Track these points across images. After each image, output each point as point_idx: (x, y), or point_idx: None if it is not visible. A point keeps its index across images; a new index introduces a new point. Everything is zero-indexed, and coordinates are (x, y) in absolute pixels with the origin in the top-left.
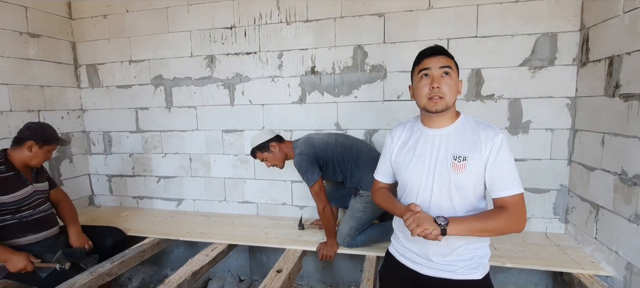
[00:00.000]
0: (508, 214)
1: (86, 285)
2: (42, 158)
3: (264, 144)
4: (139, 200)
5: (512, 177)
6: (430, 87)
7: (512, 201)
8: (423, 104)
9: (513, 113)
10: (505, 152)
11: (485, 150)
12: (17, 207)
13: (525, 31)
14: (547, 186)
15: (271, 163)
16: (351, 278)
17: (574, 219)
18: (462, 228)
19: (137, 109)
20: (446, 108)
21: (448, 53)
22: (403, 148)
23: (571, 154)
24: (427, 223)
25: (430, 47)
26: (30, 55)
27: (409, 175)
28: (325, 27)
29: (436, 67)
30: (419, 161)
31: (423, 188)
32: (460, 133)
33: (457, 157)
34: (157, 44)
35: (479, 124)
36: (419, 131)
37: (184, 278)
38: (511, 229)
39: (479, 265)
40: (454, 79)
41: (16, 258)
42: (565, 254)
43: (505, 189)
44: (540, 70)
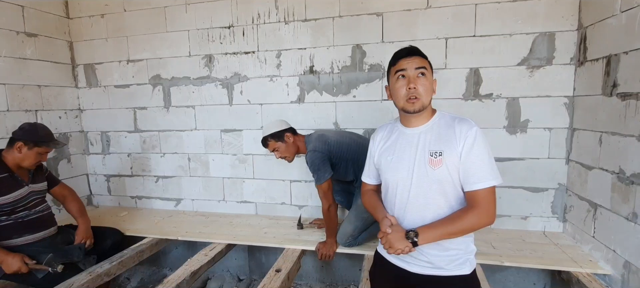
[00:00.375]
0: (476, 211)
1: (84, 286)
2: (33, 160)
3: (279, 132)
4: (138, 200)
5: (485, 170)
6: (407, 88)
7: (481, 195)
8: (401, 105)
9: (511, 112)
10: (479, 144)
11: (460, 144)
12: (11, 208)
13: (523, 30)
14: (546, 185)
15: (282, 155)
16: (350, 277)
17: (572, 218)
18: (433, 236)
19: (135, 108)
20: (423, 108)
21: (422, 53)
22: (384, 149)
23: (569, 153)
24: (398, 243)
25: (405, 47)
26: (27, 55)
27: (390, 175)
28: (323, 27)
29: (412, 68)
30: (399, 161)
31: (402, 187)
32: (436, 129)
33: (433, 153)
34: (155, 44)
35: (454, 119)
36: (398, 131)
37: (182, 278)
38: (480, 225)
39: (466, 261)
40: (429, 79)
41: (11, 259)
42: (564, 253)
43: (477, 182)
44: (538, 69)
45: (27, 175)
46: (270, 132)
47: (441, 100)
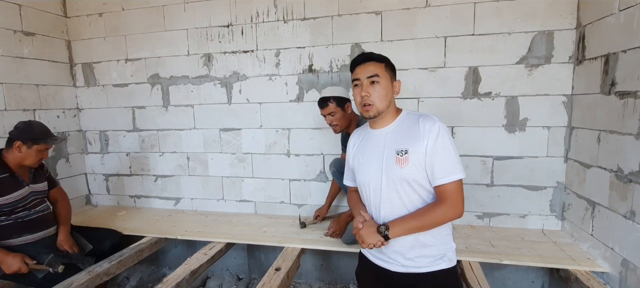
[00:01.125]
0: (443, 205)
1: (84, 285)
2: (35, 158)
3: (343, 98)
4: (137, 200)
5: (450, 164)
6: (360, 95)
7: (448, 189)
8: (359, 111)
9: (510, 111)
10: (443, 139)
11: (424, 140)
12: (11, 208)
13: (521, 29)
14: (544, 183)
15: (335, 121)
16: (349, 275)
17: (570, 216)
18: (403, 229)
19: (133, 107)
20: (378, 113)
21: (377, 57)
22: (356, 152)
23: (567, 151)
24: (370, 237)
25: (359, 55)
26: (25, 54)
27: (361, 176)
28: (322, 25)
29: (364, 77)
30: (368, 162)
31: (374, 188)
32: (401, 128)
33: (399, 152)
34: (154, 43)
35: (418, 116)
36: (368, 134)
37: (182, 277)
38: (448, 218)
39: (443, 256)
40: (384, 85)
41: (11, 259)
42: (562, 251)
43: (443, 177)
44: (536, 68)
45: (28, 175)
46: (336, 94)
47: (440, 99)
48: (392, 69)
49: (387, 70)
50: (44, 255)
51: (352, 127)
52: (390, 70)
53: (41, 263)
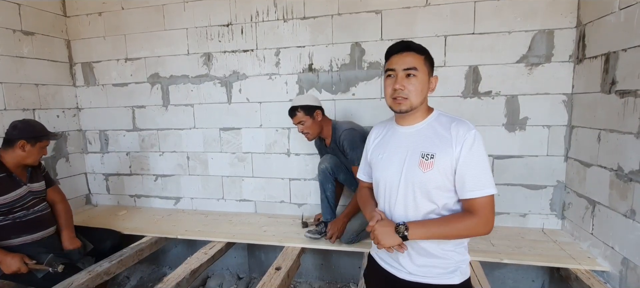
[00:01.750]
0: (474, 218)
1: (84, 285)
2: (37, 156)
3: (311, 106)
4: (137, 199)
5: (484, 177)
6: (393, 87)
7: (480, 203)
8: (389, 103)
9: (510, 110)
10: (478, 149)
11: (456, 147)
12: (9, 208)
13: (522, 28)
14: (544, 182)
15: (306, 130)
16: (349, 275)
17: (570, 215)
18: (423, 233)
19: (133, 107)
20: (410, 109)
21: (417, 48)
22: (376, 146)
23: (568, 150)
24: (387, 238)
25: (398, 42)
26: (24, 53)
27: (379, 173)
28: (322, 25)
29: (400, 69)
30: (388, 159)
31: (390, 188)
32: (430, 129)
33: (425, 155)
34: (154, 42)
35: (451, 120)
36: (392, 129)
37: (182, 276)
38: (477, 232)
39: (456, 270)
40: (421, 79)
41: (10, 259)
42: (562, 250)
43: (475, 190)
44: (537, 66)
45: (25, 175)
46: (303, 104)
47: (440, 98)
48: (431, 62)
49: (426, 63)
50: (44, 255)
51: (325, 132)
52: (429, 64)
53: (41, 263)
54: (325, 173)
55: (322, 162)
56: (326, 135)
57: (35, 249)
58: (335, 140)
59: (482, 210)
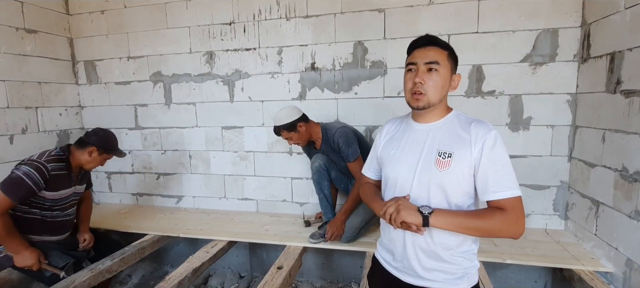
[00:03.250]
0: (505, 216)
1: (86, 283)
2: (97, 164)
3: (291, 123)
4: (139, 197)
5: (508, 178)
6: (412, 81)
7: (509, 204)
8: (407, 99)
9: (514, 109)
10: (499, 149)
11: (475, 148)
12: (50, 204)
13: (526, 27)
14: (547, 182)
15: (295, 142)
16: (351, 274)
17: (574, 215)
18: (448, 222)
19: (136, 105)
20: (429, 105)
21: (441, 43)
22: (388, 141)
23: (572, 151)
24: (409, 212)
25: (422, 36)
26: (27, 51)
27: (390, 170)
28: (325, 23)
29: (422, 63)
30: (402, 156)
31: (402, 185)
32: (448, 128)
33: (442, 153)
34: (156, 40)
35: (471, 120)
36: (407, 126)
37: (184, 275)
38: (506, 232)
39: (463, 276)
40: (443, 74)
41: (28, 254)
42: (565, 250)
43: (501, 191)
44: (541, 66)
45: (78, 176)
46: (283, 123)
47: None
48: (455, 60)
49: (449, 60)
50: (55, 253)
51: (315, 135)
52: (452, 61)
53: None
54: (320, 171)
55: (314, 161)
56: (316, 138)
57: (49, 247)
58: (328, 140)
59: (512, 209)
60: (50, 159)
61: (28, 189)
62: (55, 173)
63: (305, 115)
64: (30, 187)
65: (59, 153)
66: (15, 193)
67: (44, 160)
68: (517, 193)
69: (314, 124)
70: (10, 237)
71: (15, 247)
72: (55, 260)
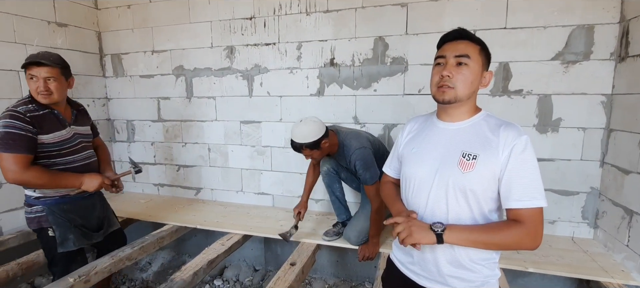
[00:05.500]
0: (521, 229)
1: (107, 269)
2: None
3: (315, 142)
4: (160, 188)
5: (534, 187)
6: (440, 75)
7: (528, 214)
8: (432, 92)
9: (542, 110)
10: (528, 156)
11: (503, 152)
12: (58, 149)
13: (558, 22)
14: (576, 188)
15: (314, 159)
16: (365, 274)
17: (604, 224)
18: (462, 238)
19: (159, 98)
20: (456, 100)
21: (473, 37)
22: (410, 139)
23: (604, 155)
24: (421, 233)
25: (453, 30)
26: (58, 44)
27: (409, 169)
28: (345, 18)
29: (451, 56)
30: (423, 154)
31: (419, 186)
32: (476, 129)
33: (466, 154)
34: (179, 35)
35: (500, 123)
36: (430, 123)
37: (200, 266)
38: (523, 246)
39: (483, 284)
40: (473, 69)
41: (90, 178)
42: (593, 261)
43: (523, 199)
44: (573, 64)
45: (70, 116)
46: (307, 141)
47: None
48: (487, 56)
49: (481, 55)
50: (91, 210)
51: (332, 147)
52: (484, 57)
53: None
54: (330, 174)
55: (323, 165)
56: (332, 152)
57: (85, 202)
58: (344, 156)
59: (530, 221)
60: (17, 104)
61: (21, 135)
62: (33, 115)
63: (327, 128)
64: (22, 134)
65: (23, 98)
66: (18, 145)
67: (11, 108)
68: (540, 204)
69: (332, 135)
70: (57, 175)
71: (71, 180)
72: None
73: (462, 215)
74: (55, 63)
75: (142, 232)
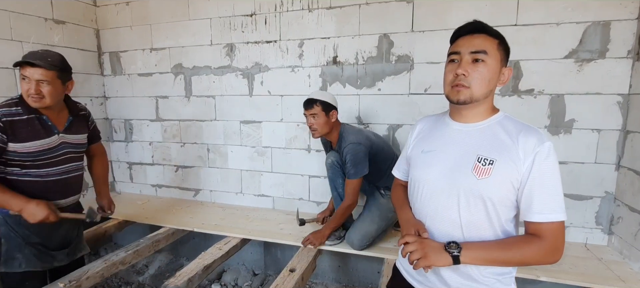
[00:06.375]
0: (542, 245)
1: (99, 274)
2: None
3: (330, 104)
4: (158, 189)
5: (555, 199)
6: (454, 73)
7: (549, 228)
8: (446, 92)
9: (554, 110)
10: (551, 165)
11: (525, 160)
12: (32, 160)
13: (572, 19)
14: (590, 193)
15: (316, 125)
16: (368, 279)
17: (619, 231)
18: (479, 257)
19: (157, 97)
20: (471, 100)
21: (490, 30)
22: (420, 140)
23: (620, 158)
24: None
25: (467, 23)
26: (55, 42)
27: (417, 172)
28: (348, 15)
29: (467, 52)
30: (433, 158)
31: (428, 191)
32: (492, 132)
33: (482, 159)
34: (178, 32)
35: (520, 127)
36: (443, 124)
37: (195, 271)
38: (543, 262)
39: None
40: (491, 66)
41: (34, 206)
42: (609, 269)
43: (544, 212)
44: (588, 63)
45: (63, 122)
46: (324, 99)
47: None
48: (506, 50)
49: (500, 49)
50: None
51: (333, 135)
52: (503, 52)
53: (73, 214)
54: (333, 167)
55: (327, 158)
56: (333, 139)
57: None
58: (341, 148)
59: (551, 236)
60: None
61: None
62: (9, 120)
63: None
64: None
65: (13, 98)
66: None
67: None
68: (561, 218)
69: (339, 122)
70: (3, 193)
71: (12, 201)
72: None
73: (478, 224)
74: (51, 65)
75: (138, 234)
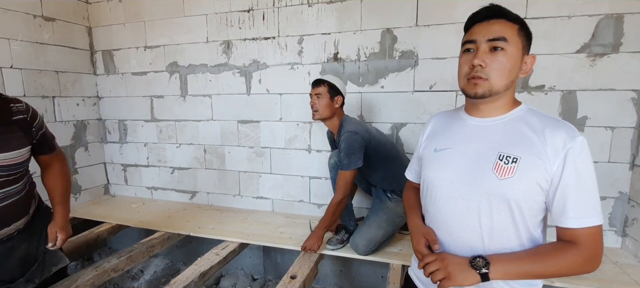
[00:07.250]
0: (578, 253)
1: (89, 282)
2: None
3: (336, 88)
4: (153, 191)
5: (592, 202)
6: (470, 64)
7: (587, 234)
8: (462, 85)
9: (566, 107)
10: (585, 163)
11: (555, 159)
12: None
13: (584, 12)
14: (603, 193)
15: (318, 106)
16: (372, 285)
17: (634, 233)
18: (511, 271)
19: (152, 97)
20: (490, 93)
21: (509, 15)
22: (432, 140)
23: (635, 157)
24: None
25: (483, 8)
26: (45, 40)
27: (430, 172)
28: (350, 9)
29: (484, 39)
30: (447, 156)
31: (443, 194)
32: (514, 127)
33: (504, 157)
34: (173, 29)
35: (546, 120)
36: (458, 120)
37: (190, 279)
38: (581, 271)
39: None
40: (512, 55)
41: None
42: (625, 273)
43: (580, 217)
44: (601, 58)
45: None
46: (333, 81)
47: None
48: (528, 36)
49: (521, 35)
50: None
51: (333, 123)
52: (524, 37)
53: None
54: (336, 168)
55: (331, 157)
56: (334, 127)
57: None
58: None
59: (588, 243)
60: None
61: None
62: None
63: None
64: None
65: None
66: None
67: None
68: (598, 222)
69: (342, 112)
70: None
71: None
72: None
73: (502, 231)
74: None
75: (133, 238)
